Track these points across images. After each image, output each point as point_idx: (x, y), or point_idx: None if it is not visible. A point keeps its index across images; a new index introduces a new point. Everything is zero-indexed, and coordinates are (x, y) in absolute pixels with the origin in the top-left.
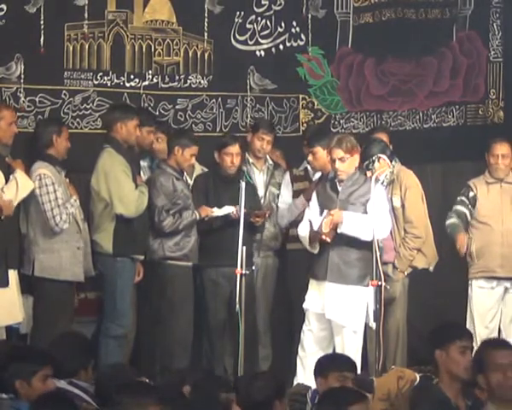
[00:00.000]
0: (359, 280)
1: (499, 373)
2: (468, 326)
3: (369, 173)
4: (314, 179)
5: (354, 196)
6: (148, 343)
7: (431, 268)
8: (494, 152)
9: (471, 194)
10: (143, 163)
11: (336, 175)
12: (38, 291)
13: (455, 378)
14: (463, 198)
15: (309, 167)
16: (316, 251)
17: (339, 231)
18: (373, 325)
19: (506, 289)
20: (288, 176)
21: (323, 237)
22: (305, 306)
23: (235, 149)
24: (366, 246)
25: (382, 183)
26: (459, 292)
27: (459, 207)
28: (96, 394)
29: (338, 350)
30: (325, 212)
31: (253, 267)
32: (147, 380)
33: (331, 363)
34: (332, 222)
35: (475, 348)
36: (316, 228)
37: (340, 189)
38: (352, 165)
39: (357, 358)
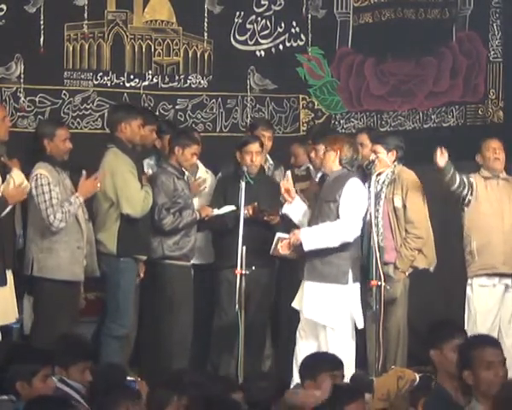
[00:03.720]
0: (338, 278)
1: (489, 371)
2: (467, 327)
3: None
4: (315, 179)
5: (333, 192)
6: (149, 343)
7: (431, 269)
8: (490, 146)
9: (471, 179)
10: (150, 161)
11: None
12: (37, 291)
13: (452, 376)
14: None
15: (311, 167)
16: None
17: (305, 249)
18: (359, 324)
19: (506, 287)
20: (289, 175)
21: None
22: (293, 305)
23: (255, 146)
24: (349, 244)
25: (383, 182)
26: (460, 292)
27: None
28: (90, 392)
29: (322, 349)
30: (276, 236)
31: (253, 267)
32: (139, 379)
33: (319, 364)
34: (290, 244)
35: None
36: (271, 251)
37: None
38: (329, 158)
39: (343, 356)
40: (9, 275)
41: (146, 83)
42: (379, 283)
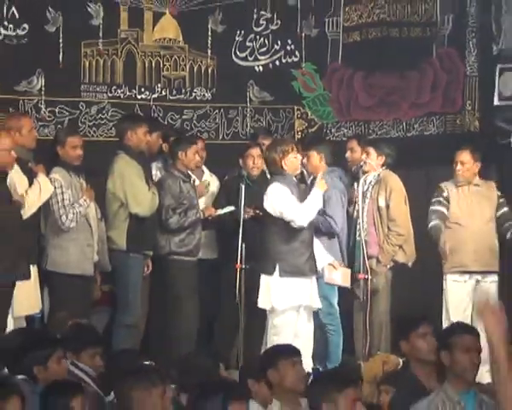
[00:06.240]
0: None
1: (466, 356)
2: (444, 317)
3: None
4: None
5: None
6: (157, 332)
7: (410, 264)
8: (458, 159)
9: (444, 194)
10: (158, 164)
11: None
12: (50, 284)
13: (423, 363)
14: (440, 198)
15: (305, 171)
16: None
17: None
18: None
19: (477, 282)
20: None
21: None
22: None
23: (255, 151)
24: None
25: (370, 183)
26: (437, 286)
27: (438, 207)
28: (105, 376)
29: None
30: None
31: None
32: (153, 363)
33: (279, 352)
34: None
35: None
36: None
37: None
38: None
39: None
40: (34, 270)
41: (155, 95)
42: (366, 276)
